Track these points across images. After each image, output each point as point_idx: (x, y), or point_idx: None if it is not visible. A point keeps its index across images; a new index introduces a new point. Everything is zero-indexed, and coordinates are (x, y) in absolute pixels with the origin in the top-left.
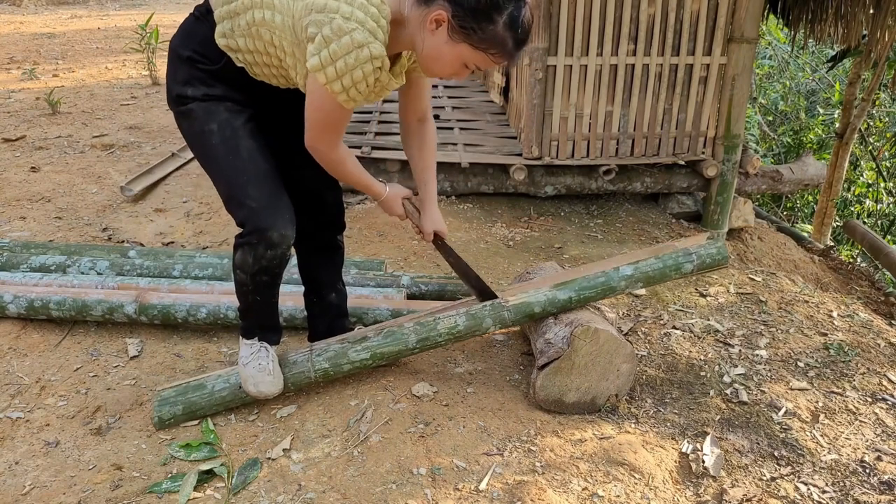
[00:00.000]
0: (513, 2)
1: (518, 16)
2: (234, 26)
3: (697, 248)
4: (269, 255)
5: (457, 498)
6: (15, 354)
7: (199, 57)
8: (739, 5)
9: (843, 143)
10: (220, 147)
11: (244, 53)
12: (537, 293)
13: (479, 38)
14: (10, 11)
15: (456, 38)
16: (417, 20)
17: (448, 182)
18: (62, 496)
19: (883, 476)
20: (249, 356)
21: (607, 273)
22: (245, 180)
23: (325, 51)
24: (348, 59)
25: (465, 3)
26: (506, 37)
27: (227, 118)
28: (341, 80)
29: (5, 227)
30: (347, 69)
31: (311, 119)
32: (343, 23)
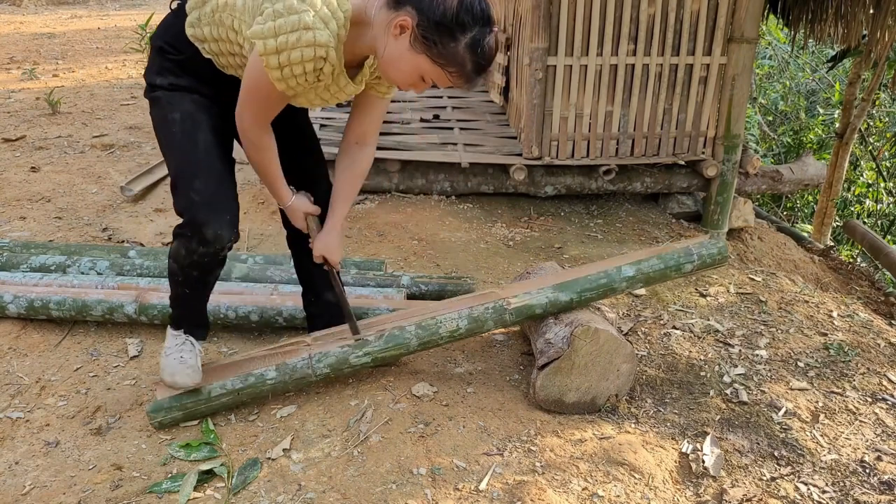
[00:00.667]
0: (479, 25)
1: (481, 39)
2: (200, 15)
3: (698, 247)
4: (202, 252)
5: (457, 498)
6: (15, 354)
7: (168, 48)
8: (739, 5)
9: (843, 143)
10: (178, 135)
11: (209, 43)
12: (539, 295)
13: (439, 52)
14: (10, 11)
15: (417, 48)
16: (383, 23)
17: (448, 182)
18: (62, 496)
19: (883, 476)
20: (174, 347)
21: (609, 273)
22: (194, 172)
23: (271, 22)
24: (290, 36)
25: (431, 14)
26: (465, 58)
27: (190, 110)
28: (278, 57)
29: (5, 227)
30: (287, 47)
31: (244, 87)
32: (297, 3)
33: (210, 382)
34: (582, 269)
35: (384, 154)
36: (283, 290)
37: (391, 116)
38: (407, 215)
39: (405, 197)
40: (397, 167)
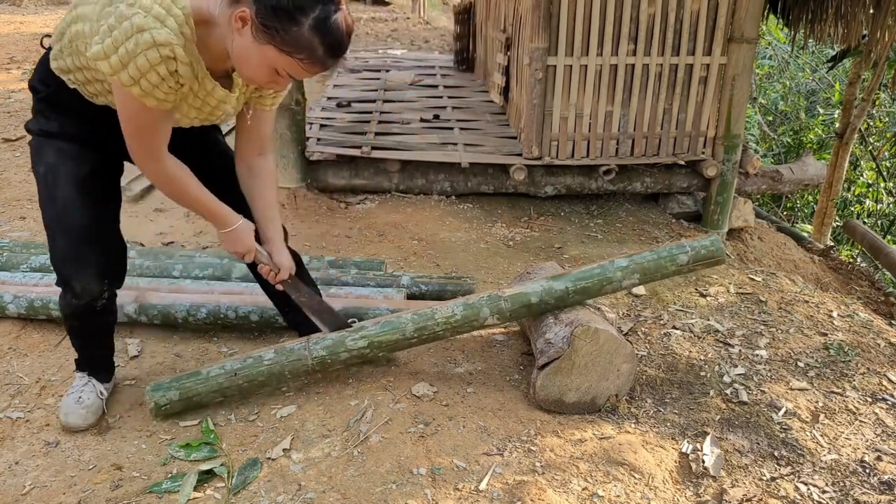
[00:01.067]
0: (321, 3)
1: (326, 18)
2: (62, 47)
3: (692, 240)
4: (74, 304)
5: (457, 498)
6: (15, 354)
7: (39, 84)
8: (739, 5)
9: (843, 143)
10: (42, 191)
11: (74, 73)
12: (534, 283)
13: (283, 40)
14: (10, 11)
15: (261, 39)
16: (226, 20)
17: (448, 182)
18: (62, 496)
19: (883, 476)
20: (75, 387)
21: (602, 265)
22: (53, 229)
23: (109, 39)
24: (128, 44)
25: (267, 0)
26: (313, 41)
27: (53, 163)
28: (127, 70)
29: (5, 227)
30: (130, 57)
31: (121, 121)
32: (126, 9)
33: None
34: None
35: (384, 154)
36: None
37: (391, 116)
38: (407, 215)
39: (405, 197)
40: (397, 167)
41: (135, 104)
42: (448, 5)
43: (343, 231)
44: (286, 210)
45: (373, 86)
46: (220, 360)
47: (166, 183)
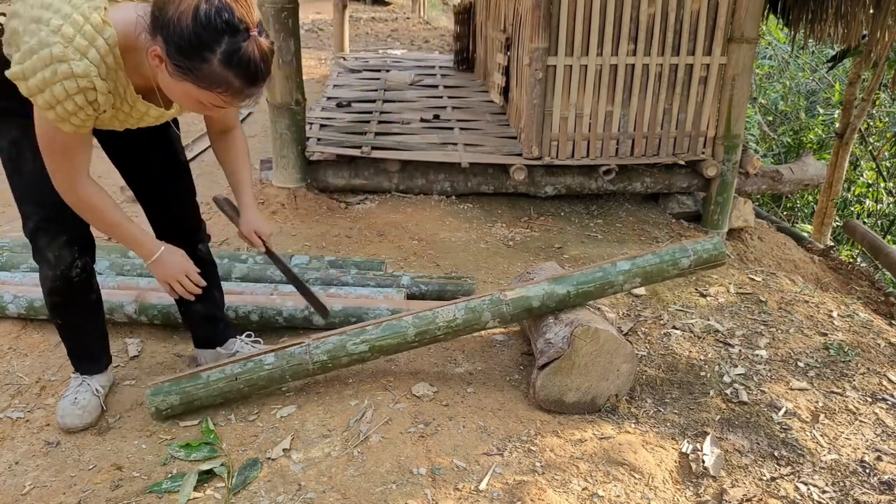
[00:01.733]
0: (226, 35)
1: (234, 51)
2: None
3: (694, 244)
4: (52, 276)
5: (457, 498)
6: (15, 354)
7: None
8: (739, 5)
9: (843, 143)
10: (8, 166)
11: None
12: (536, 287)
13: (197, 77)
14: None
15: (176, 77)
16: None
17: (448, 182)
18: (62, 496)
19: (883, 476)
20: (70, 389)
21: (604, 268)
22: (23, 199)
23: (29, 61)
24: (46, 72)
25: (172, 41)
26: (227, 75)
27: (16, 136)
28: (43, 95)
29: (5, 227)
30: (46, 84)
31: (39, 143)
32: (48, 36)
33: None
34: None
35: (384, 154)
36: (283, 290)
37: (391, 116)
38: (407, 215)
39: (405, 197)
40: (397, 167)
41: (50, 127)
42: (448, 5)
43: (343, 231)
44: (286, 210)
45: (373, 86)
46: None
47: (87, 210)
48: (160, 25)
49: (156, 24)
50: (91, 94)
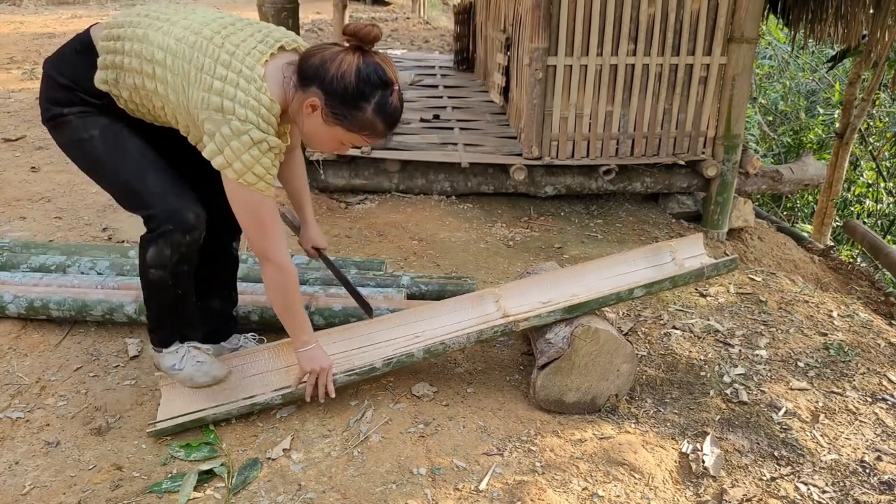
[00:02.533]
0: (380, 89)
1: (386, 103)
2: (119, 78)
3: (710, 268)
4: (188, 241)
5: (457, 498)
6: (15, 354)
7: (78, 88)
8: (739, 5)
9: (843, 143)
10: (104, 151)
11: (128, 103)
12: (548, 318)
13: (350, 122)
14: (10, 11)
15: (330, 122)
16: (297, 104)
17: (448, 182)
18: (62, 496)
19: (883, 476)
20: (181, 360)
21: (619, 294)
22: (141, 173)
23: (228, 149)
24: (252, 151)
25: (334, 92)
26: (375, 121)
27: (107, 124)
28: (252, 171)
29: (5, 227)
30: (254, 161)
31: (246, 224)
32: (240, 125)
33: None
34: (584, 270)
35: (384, 154)
36: None
37: None
38: (407, 215)
39: (405, 197)
40: (397, 167)
41: (252, 196)
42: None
43: (343, 231)
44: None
45: None
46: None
47: (279, 276)
48: (318, 80)
49: (310, 80)
50: (279, 158)
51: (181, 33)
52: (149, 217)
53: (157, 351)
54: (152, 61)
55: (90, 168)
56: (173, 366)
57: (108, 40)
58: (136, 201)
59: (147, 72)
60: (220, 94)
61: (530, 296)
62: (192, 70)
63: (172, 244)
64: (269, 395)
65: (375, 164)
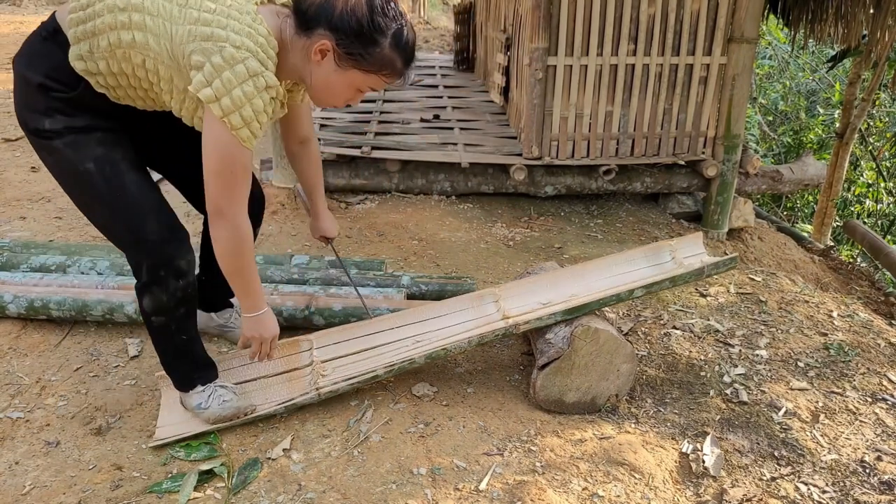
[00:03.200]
0: (394, 21)
1: (402, 34)
2: (92, 48)
3: (710, 267)
4: (182, 285)
5: (457, 498)
6: (15, 354)
7: (52, 83)
8: (739, 5)
9: (843, 143)
10: (103, 187)
11: (105, 76)
12: (549, 319)
13: (368, 61)
14: (10, 11)
15: (344, 66)
16: (301, 51)
17: (448, 182)
18: (62, 496)
19: (883, 476)
20: (207, 401)
21: (619, 295)
22: (142, 216)
23: (218, 80)
24: (245, 87)
25: (347, 29)
26: (393, 56)
27: (102, 154)
28: (240, 112)
29: (5, 227)
30: (246, 99)
31: (211, 167)
32: (235, 51)
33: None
34: (584, 270)
35: (384, 154)
36: (283, 290)
37: (391, 116)
38: (407, 215)
39: (405, 197)
40: (397, 167)
41: (231, 143)
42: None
43: (343, 231)
44: (286, 210)
45: None
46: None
47: (234, 239)
48: (324, 20)
49: (313, 21)
50: (276, 103)
51: None
52: (139, 264)
53: (182, 391)
54: (126, 9)
55: (84, 203)
56: (199, 405)
57: (75, 12)
58: (130, 248)
59: (122, 22)
60: (210, 23)
61: (530, 296)
62: (175, 7)
63: (169, 290)
64: (274, 407)
65: (375, 164)
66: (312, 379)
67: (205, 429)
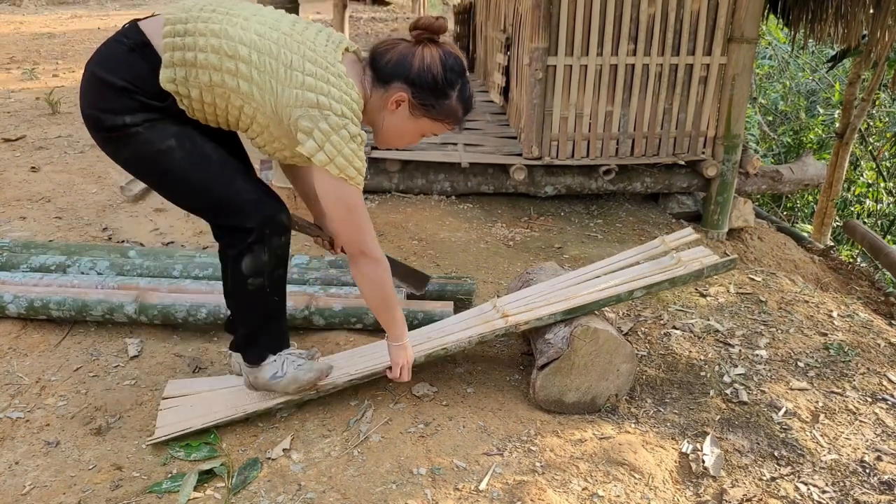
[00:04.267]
0: (460, 77)
1: (466, 89)
2: (188, 76)
3: (710, 268)
4: (283, 242)
5: (457, 498)
6: (15, 354)
7: (137, 90)
8: (739, 5)
9: (843, 143)
10: (187, 162)
11: (194, 101)
12: (550, 308)
13: (438, 111)
14: (10, 11)
15: (417, 114)
16: (378, 101)
17: (448, 182)
18: (62, 496)
19: (883, 476)
20: (282, 368)
21: (619, 296)
22: (230, 178)
23: (328, 144)
24: (350, 145)
25: (423, 83)
26: (458, 108)
27: (178, 130)
28: (352, 165)
29: (5, 227)
30: (353, 155)
31: (342, 219)
32: (338, 119)
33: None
34: (587, 271)
35: (384, 154)
36: None
37: None
38: (407, 215)
39: (405, 197)
40: (397, 167)
41: (351, 193)
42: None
43: None
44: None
45: None
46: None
47: (379, 277)
48: (401, 76)
49: (391, 76)
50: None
51: (260, 29)
52: (244, 225)
53: (254, 366)
54: (234, 57)
55: (168, 183)
56: (275, 374)
57: (172, 36)
58: (231, 212)
59: (228, 68)
60: (314, 89)
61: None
62: (281, 67)
63: (270, 248)
64: (269, 403)
65: (375, 164)
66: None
67: (205, 424)
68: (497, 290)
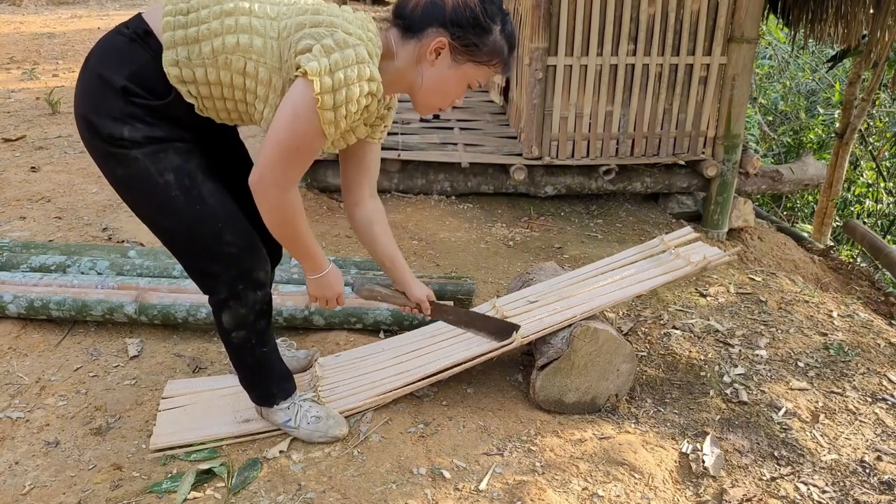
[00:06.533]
0: (500, 10)
1: (509, 21)
2: (191, 54)
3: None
4: (261, 296)
5: (457, 498)
6: (15, 354)
7: (137, 89)
8: (739, 5)
9: (843, 143)
10: (181, 199)
11: (199, 85)
12: (559, 317)
13: (483, 51)
14: (10, 11)
15: (460, 60)
16: (410, 56)
17: (448, 182)
18: (62, 496)
19: (883, 476)
20: (296, 418)
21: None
22: (219, 228)
23: (326, 59)
24: (349, 70)
25: (463, 21)
26: (503, 45)
27: (179, 164)
28: (335, 94)
29: (5, 227)
30: (347, 82)
31: (277, 140)
32: (346, 36)
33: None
34: (586, 270)
35: (384, 154)
36: (283, 290)
37: None
38: (407, 215)
39: (405, 197)
40: (397, 167)
41: (311, 119)
42: None
43: (343, 231)
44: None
45: None
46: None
47: (283, 210)
48: (436, 20)
49: (423, 23)
50: (369, 101)
51: None
52: (216, 279)
53: (264, 407)
54: (233, 13)
55: (158, 215)
56: (287, 422)
57: (173, 15)
58: (208, 261)
59: (228, 25)
60: (320, 12)
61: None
62: (282, 7)
63: (249, 303)
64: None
65: None
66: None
67: (202, 438)
68: (497, 290)
